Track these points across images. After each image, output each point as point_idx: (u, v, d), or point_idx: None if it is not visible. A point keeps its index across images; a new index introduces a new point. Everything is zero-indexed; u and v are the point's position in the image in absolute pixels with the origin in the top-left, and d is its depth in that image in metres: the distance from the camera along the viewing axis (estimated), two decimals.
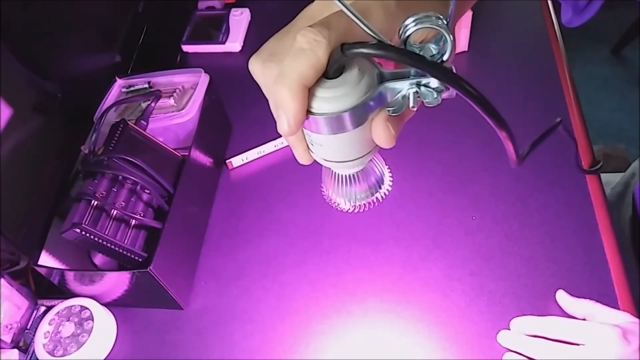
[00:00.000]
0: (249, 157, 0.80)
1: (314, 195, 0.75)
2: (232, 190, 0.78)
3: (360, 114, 0.32)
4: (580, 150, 0.73)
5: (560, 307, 0.60)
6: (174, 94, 0.75)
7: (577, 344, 0.55)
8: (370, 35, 0.30)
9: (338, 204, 0.42)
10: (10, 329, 0.65)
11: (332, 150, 0.36)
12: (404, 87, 0.32)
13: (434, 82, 0.32)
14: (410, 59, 0.29)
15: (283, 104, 0.31)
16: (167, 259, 0.61)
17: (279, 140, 0.80)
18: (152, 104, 0.72)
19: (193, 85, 0.76)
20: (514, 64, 0.69)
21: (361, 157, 0.36)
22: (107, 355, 0.65)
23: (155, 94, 0.73)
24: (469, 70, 0.87)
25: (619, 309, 0.59)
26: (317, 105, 0.32)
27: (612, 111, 1.82)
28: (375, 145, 0.36)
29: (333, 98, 0.31)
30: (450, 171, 0.74)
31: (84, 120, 0.76)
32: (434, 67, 0.29)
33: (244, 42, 0.97)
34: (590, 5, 0.55)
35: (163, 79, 0.79)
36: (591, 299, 0.58)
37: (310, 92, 0.31)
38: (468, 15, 0.83)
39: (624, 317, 0.56)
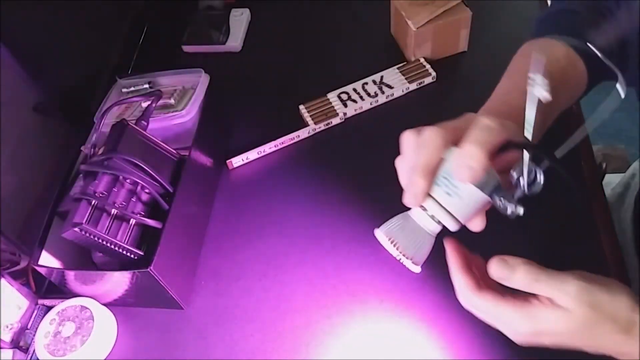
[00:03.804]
0: (249, 157, 0.80)
1: (314, 195, 0.75)
2: (232, 190, 0.78)
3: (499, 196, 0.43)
4: (579, 150, 0.73)
5: None
6: (174, 94, 0.75)
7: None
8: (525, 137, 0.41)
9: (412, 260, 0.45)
10: (11, 329, 0.65)
11: (464, 205, 0.42)
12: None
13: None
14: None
15: (472, 151, 0.38)
16: (167, 259, 0.61)
17: (279, 140, 0.80)
18: (152, 104, 0.72)
19: (193, 85, 0.76)
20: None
21: (466, 221, 0.44)
22: (107, 355, 0.65)
23: (155, 94, 0.73)
24: (469, 70, 0.87)
25: None
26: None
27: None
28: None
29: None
30: None
31: (84, 120, 0.76)
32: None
33: (244, 43, 0.97)
34: None
35: (163, 79, 0.79)
36: None
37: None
38: (468, 15, 0.83)
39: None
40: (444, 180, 0.42)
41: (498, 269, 0.43)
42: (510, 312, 0.42)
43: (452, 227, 0.44)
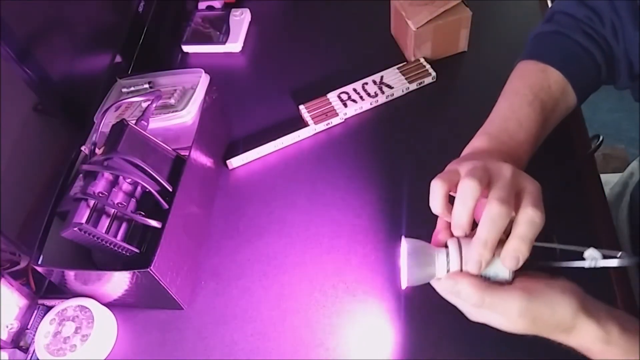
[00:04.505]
0: (249, 157, 0.80)
1: (314, 196, 0.75)
2: (232, 190, 0.78)
3: None
4: (578, 151, 0.73)
5: None
6: (174, 94, 0.75)
7: None
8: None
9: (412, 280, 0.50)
10: (11, 329, 0.65)
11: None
12: None
13: None
14: None
15: (521, 249, 0.45)
16: (167, 259, 0.61)
17: (279, 140, 0.80)
18: (152, 104, 0.72)
19: (193, 85, 0.76)
20: (513, 64, 0.70)
21: None
22: (107, 355, 0.65)
23: (155, 94, 0.73)
24: (469, 70, 0.87)
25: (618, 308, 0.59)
26: None
27: (611, 111, 1.82)
28: None
29: None
30: None
31: (84, 120, 0.76)
32: None
33: (244, 43, 0.97)
34: None
35: (163, 79, 0.79)
36: None
37: None
38: (468, 15, 0.83)
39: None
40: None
41: (446, 287, 0.49)
42: (463, 305, 0.49)
43: None
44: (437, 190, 0.49)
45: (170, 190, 0.65)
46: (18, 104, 0.68)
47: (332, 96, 0.84)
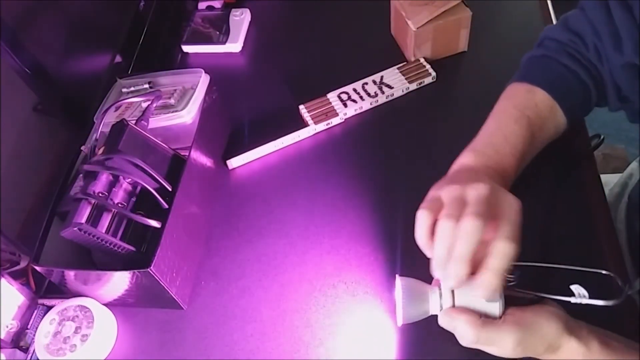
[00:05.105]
0: (249, 157, 0.80)
1: (314, 196, 0.75)
2: (232, 190, 0.78)
3: None
4: (578, 150, 0.73)
5: None
6: (174, 94, 0.75)
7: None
8: None
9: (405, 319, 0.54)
10: (11, 328, 0.65)
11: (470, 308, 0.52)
12: None
13: None
14: None
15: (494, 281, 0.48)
16: (167, 259, 0.61)
17: (279, 140, 0.80)
18: (152, 104, 0.72)
19: (193, 85, 0.76)
20: (513, 64, 0.70)
21: None
22: (107, 355, 0.65)
23: (155, 94, 0.73)
24: (469, 70, 0.87)
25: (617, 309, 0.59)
26: None
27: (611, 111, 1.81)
28: None
29: None
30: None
31: (84, 120, 0.76)
32: None
33: (244, 43, 0.97)
34: None
35: (163, 79, 0.79)
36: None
37: None
38: (468, 15, 0.83)
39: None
40: (472, 298, 0.51)
41: (444, 322, 0.52)
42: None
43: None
44: (422, 220, 0.51)
45: (170, 190, 0.66)
46: (18, 104, 0.68)
47: (332, 96, 0.84)
